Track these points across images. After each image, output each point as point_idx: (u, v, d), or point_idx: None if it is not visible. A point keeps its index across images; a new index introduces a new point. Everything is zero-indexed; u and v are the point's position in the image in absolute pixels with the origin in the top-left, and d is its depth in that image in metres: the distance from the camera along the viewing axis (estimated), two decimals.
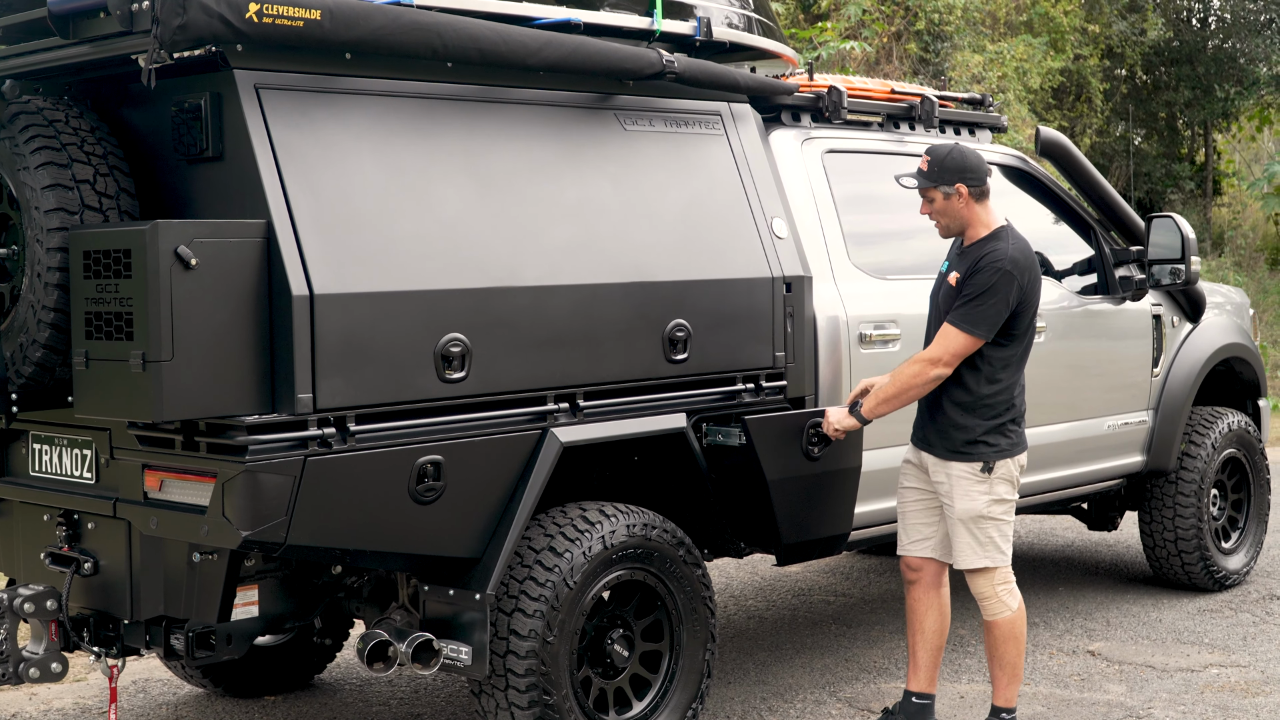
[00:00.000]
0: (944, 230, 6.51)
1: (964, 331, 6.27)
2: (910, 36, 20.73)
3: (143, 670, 7.92)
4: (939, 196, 6.43)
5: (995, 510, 6.41)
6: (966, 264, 6.38)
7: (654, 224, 6.34)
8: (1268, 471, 9.77)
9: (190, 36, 4.98)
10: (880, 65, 20.26)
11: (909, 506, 6.65)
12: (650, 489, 6.67)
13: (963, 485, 6.40)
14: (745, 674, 7.76)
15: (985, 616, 6.51)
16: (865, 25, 20.02)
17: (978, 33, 21.89)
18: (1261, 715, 6.97)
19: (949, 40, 20.87)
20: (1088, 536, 11.33)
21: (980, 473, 6.38)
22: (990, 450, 6.38)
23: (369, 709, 7.36)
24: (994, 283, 6.26)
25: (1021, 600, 6.52)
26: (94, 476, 5.80)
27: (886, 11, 20.44)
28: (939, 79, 20.16)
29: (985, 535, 6.40)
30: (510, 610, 5.80)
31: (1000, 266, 6.28)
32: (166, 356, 4.95)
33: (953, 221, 6.46)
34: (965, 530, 6.40)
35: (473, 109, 5.89)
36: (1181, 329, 9.18)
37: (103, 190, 5.37)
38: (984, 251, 6.36)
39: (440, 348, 5.50)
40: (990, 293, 6.26)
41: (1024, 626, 6.51)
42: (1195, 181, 30.31)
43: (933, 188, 6.43)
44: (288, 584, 6.09)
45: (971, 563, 6.42)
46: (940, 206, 6.44)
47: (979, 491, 6.39)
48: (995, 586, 6.44)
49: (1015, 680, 6.52)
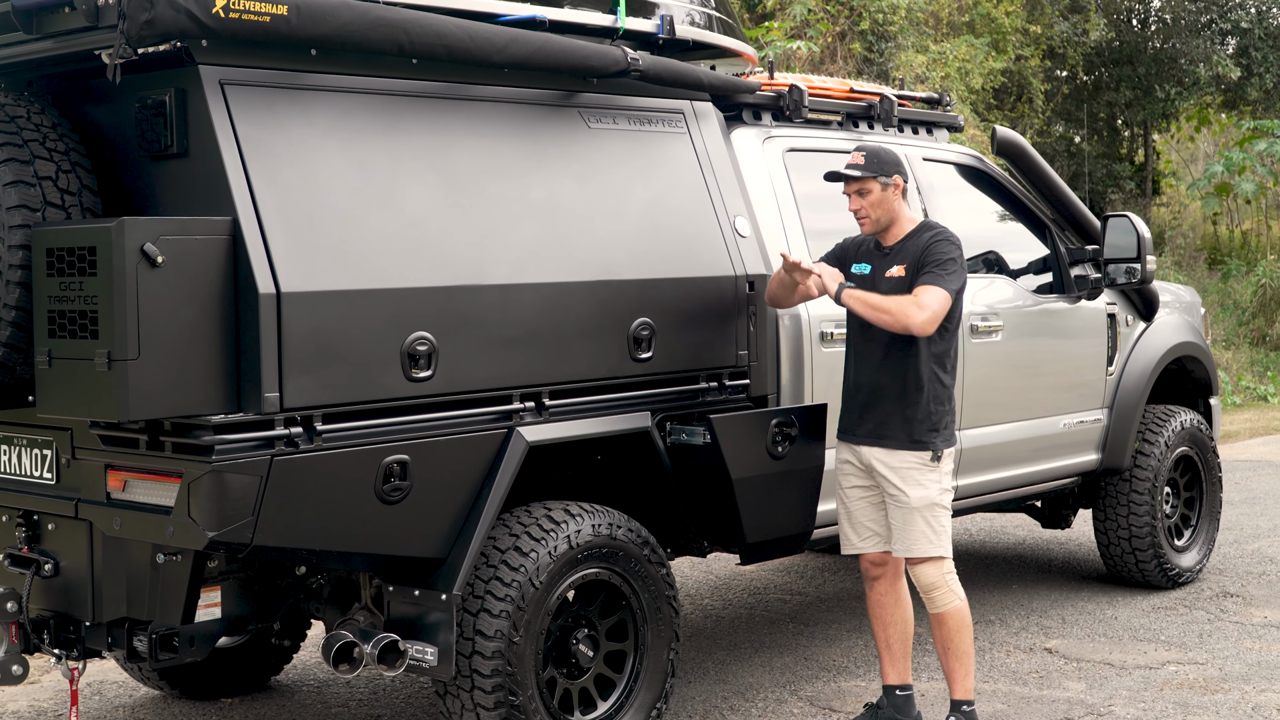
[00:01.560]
0: (873, 225, 6.50)
1: (942, 287, 6.27)
2: (855, 36, 20.77)
3: (99, 673, 7.84)
4: (877, 188, 6.44)
5: (945, 499, 6.47)
6: (908, 255, 6.43)
7: (618, 222, 6.33)
8: (1219, 470, 9.82)
9: (157, 32, 4.94)
10: (825, 65, 20.29)
11: (854, 505, 6.65)
12: (613, 488, 6.64)
13: (914, 475, 6.42)
14: (705, 673, 7.75)
15: (934, 610, 6.50)
16: (810, 25, 20.07)
17: (921, 33, 21.98)
18: (1222, 712, 7.00)
19: (893, 40, 20.94)
20: (1039, 534, 11.37)
21: (930, 461, 6.42)
22: (938, 440, 6.43)
23: (328, 710, 7.31)
24: (953, 254, 6.36)
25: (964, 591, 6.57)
26: (55, 477, 5.73)
27: (831, 11, 20.49)
28: (883, 79, 20.20)
29: (939, 523, 6.43)
30: (476, 611, 5.77)
31: (951, 239, 6.42)
32: (132, 355, 4.89)
33: (883, 215, 6.47)
34: (920, 519, 6.41)
35: (438, 106, 5.85)
36: (1135, 328, 9.22)
37: (65, 187, 5.30)
38: (923, 238, 6.43)
39: (407, 346, 5.47)
40: (951, 261, 6.34)
41: (970, 616, 6.55)
42: (1135, 181, 30.51)
43: (872, 179, 6.43)
44: (250, 585, 6.04)
45: (926, 551, 6.43)
46: (876, 199, 6.45)
47: (931, 480, 6.43)
48: (945, 575, 6.47)
49: (971, 670, 6.55)
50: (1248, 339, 23.69)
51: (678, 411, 6.48)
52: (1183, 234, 28.80)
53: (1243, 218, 29.75)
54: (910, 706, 6.71)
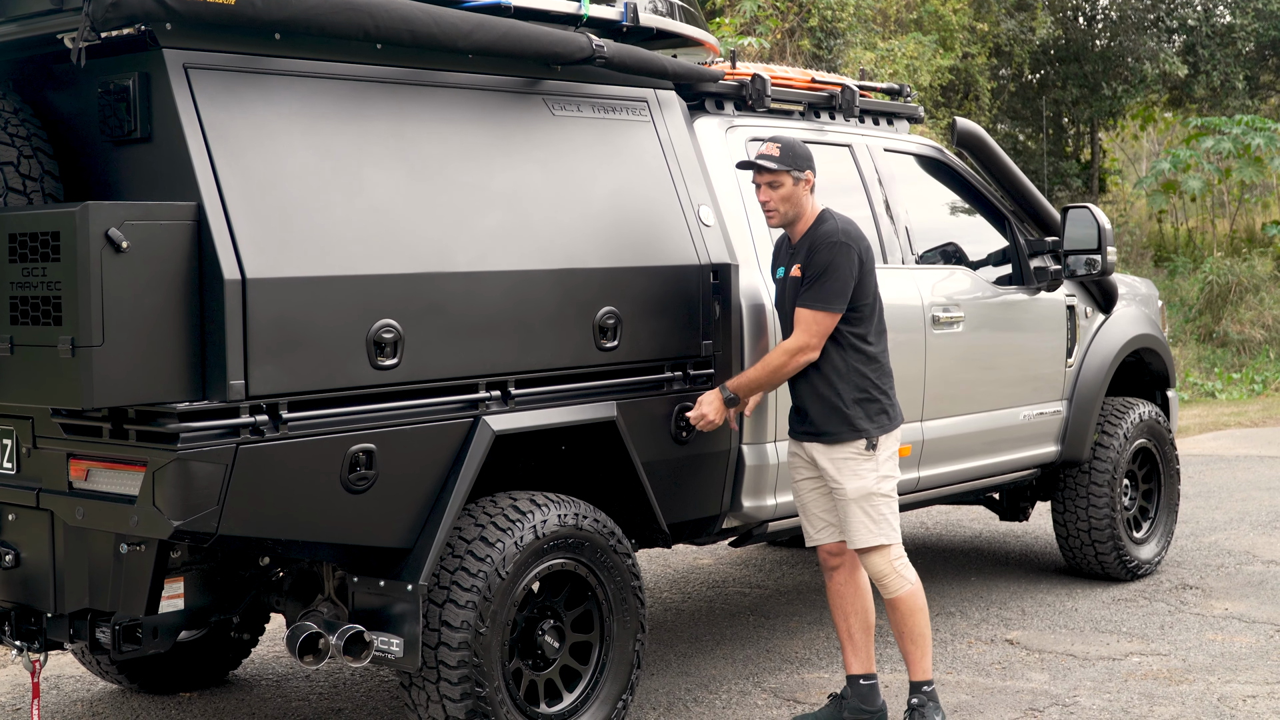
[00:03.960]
0: (780, 219, 6.50)
1: (820, 310, 6.33)
2: (804, 33, 20.80)
3: (56, 666, 7.75)
4: (789, 182, 6.42)
5: (884, 486, 6.45)
6: (808, 253, 6.43)
7: (583, 210, 6.29)
8: (1177, 462, 9.84)
9: (121, 15, 4.89)
10: (774, 61, 20.29)
11: (807, 497, 6.66)
12: (578, 478, 6.59)
13: (850, 465, 6.42)
14: (668, 665, 7.71)
15: (886, 595, 6.53)
16: (760, 21, 20.08)
17: (869, 30, 22.03)
18: (1187, 703, 7.01)
19: (841, 37, 20.98)
20: (996, 527, 11.38)
21: (865, 450, 6.42)
22: (871, 427, 6.42)
23: (287, 704, 7.24)
24: (833, 257, 6.34)
25: (917, 574, 6.58)
26: (15, 466, 5.65)
27: (781, 8, 20.51)
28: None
29: (878, 513, 6.42)
30: (442, 601, 5.72)
31: (834, 239, 6.37)
32: (96, 342, 4.83)
33: (791, 209, 6.46)
34: (859, 510, 6.41)
35: (402, 92, 5.81)
36: (1095, 320, 9.24)
37: (26, 173, 5.25)
38: (814, 236, 6.43)
39: (373, 334, 5.42)
40: (832, 267, 6.33)
41: (924, 599, 6.56)
42: (1082, 179, 30.64)
43: (787, 172, 6.40)
44: (213, 576, 5.97)
45: (867, 541, 6.43)
46: (788, 192, 6.43)
47: (867, 469, 6.43)
48: (892, 563, 6.46)
49: (928, 651, 6.57)
50: (1194, 336, 23.79)
51: (644, 400, 6.44)
52: (1129, 231, 28.91)
53: (1188, 215, 29.89)
54: (874, 695, 6.69)
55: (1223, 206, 29.49)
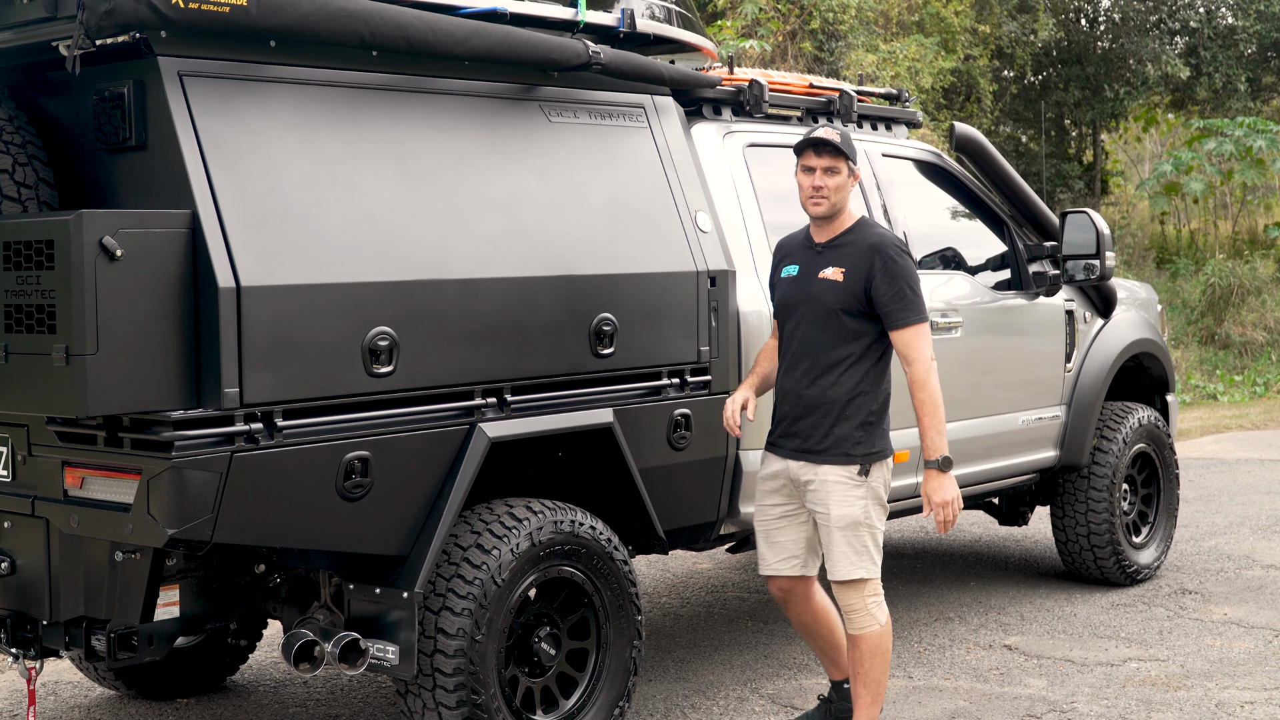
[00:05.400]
0: (828, 209, 6.11)
1: (924, 322, 6.10)
2: (805, 35, 20.80)
3: (53, 673, 7.75)
4: (845, 169, 6.10)
5: (872, 517, 6.13)
6: (850, 260, 6.10)
7: (580, 217, 6.29)
8: (1176, 466, 9.83)
9: (116, 22, 4.89)
10: (775, 64, 20.31)
11: (775, 523, 6.34)
12: (574, 485, 6.58)
13: (839, 491, 6.10)
14: (665, 671, 7.71)
15: (850, 630, 6.21)
16: (761, 24, 20.08)
17: (871, 32, 22.04)
18: (1185, 709, 6.99)
19: (843, 39, 20.98)
20: (995, 531, 11.37)
21: (857, 476, 6.11)
22: (867, 453, 6.11)
23: (285, 710, 7.24)
24: (909, 266, 6.10)
25: (889, 616, 6.25)
26: (10, 474, 5.65)
27: (782, 10, 20.51)
28: (833, 78, 20.22)
29: (861, 544, 6.10)
30: (438, 609, 5.71)
31: (906, 249, 6.17)
32: (91, 350, 4.83)
33: (840, 202, 6.12)
34: (842, 539, 6.10)
35: (398, 99, 5.81)
36: (1094, 324, 9.23)
37: (21, 180, 5.24)
38: (871, 245, 6.10)
39: (368, 341, 5.42)
40: (913, 277, 6.09)
41: (890, 643, 6.23)
42: (1084, 181, 30.63)
43: (846, 159, 6.09)
44: (209, 584, 5.97)
45: (847, 574, 6.10)
46: (841, 181, 6.10)
47: (856, 496, 6.11)
48: (866, 599, 6.14)
49: (878, 700, 6.23)
50: (1196, 338, 23.76)
51: (640, 407, 6.44)
52: (1131, 233, 28.87)
53: (1190, 217, 29.86)
54: None
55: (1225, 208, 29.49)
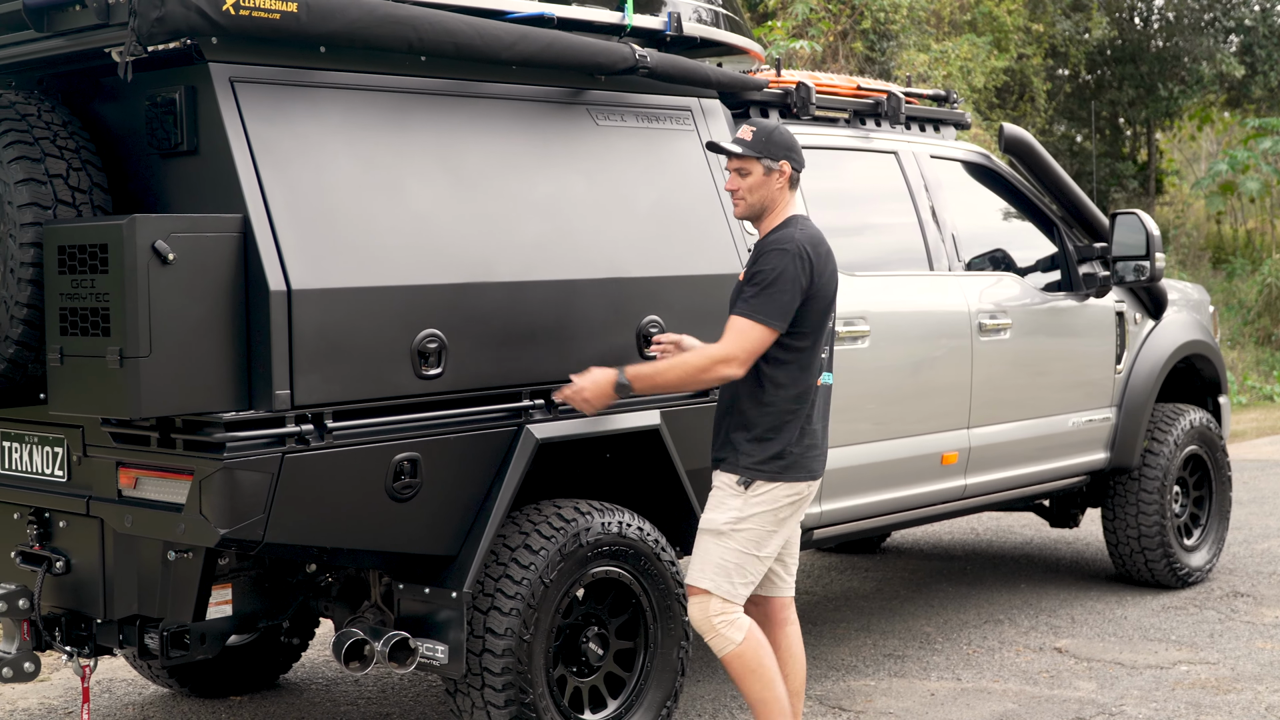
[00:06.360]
0: (745, 210, 5.83)
1: (756, 322, 5.60)
2: (856, 35, 20.77)
3: (107, 670, 7.84)
4: (758, 170, 5.76)
5: (738, 535, 5.73)
6: (752, 258, 5.80)
7: (627, 220, 6.32)
8: (1229, 468, 9.81)
9: (168, 29, 4.93)
10: (826, 64, 20.30)
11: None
12: (622, 486, 6.62)
13: (717, 495, 5.81)
14: (714, 672, 7.73)
15: (716, 654, 5.84)
16: (812, 24, 20.07)
17: (923, 32, 22.00)
18: (1235, 712, 6.98)
19: (894, 39, 20.94)
20: (1046, 534, 11.36)
21: (736, 485, 5.76)
22: (752, 466, 5.73)
23: (336, 709, 7.30)
24: (782, 266, 5.62)
25: (751, 632, 5.76)
26: (66, 474, 5.73)
27: (833, 10, 20.49)
28: (884, 78, 20.21)
29: (717, 556, 5.74)
30: (486, 609, 5.76)
31: (786, 248, 5.66)
32: (144, 352, 4.89)
33: (758, 201, 5.79)
34: (702, 543, 5.80)
35: (446, 103, 5.85)
36: (1144, 326, 9.22)
37: (76, 185, 5.30)
38: (770, 238, 5.77)
39: (417, 344, 5.46)
40: (781, 278, 5.61)
41: (760, 660, 5.76)
42: (1139, 180, 30.51)
43: (755, 159, 5.77)
44: (261, 583, 6.04)
45: (693, 580, 5.79)
46: (755, 182, 5.77)
47: (729, 506, 5.75)
48: (710, 618, 5.74)
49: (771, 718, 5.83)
50: (1253, 338, 23.67)
51: (685, 409, 6.47)
52: (1186, 233, 28.77)
53: (1247, 216, 29.72)
54: None
55: None
